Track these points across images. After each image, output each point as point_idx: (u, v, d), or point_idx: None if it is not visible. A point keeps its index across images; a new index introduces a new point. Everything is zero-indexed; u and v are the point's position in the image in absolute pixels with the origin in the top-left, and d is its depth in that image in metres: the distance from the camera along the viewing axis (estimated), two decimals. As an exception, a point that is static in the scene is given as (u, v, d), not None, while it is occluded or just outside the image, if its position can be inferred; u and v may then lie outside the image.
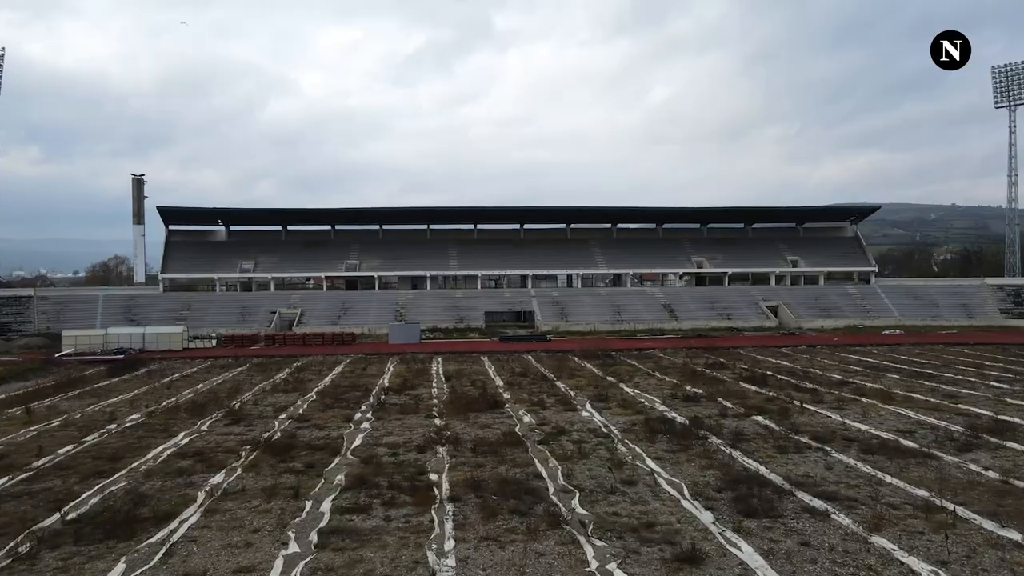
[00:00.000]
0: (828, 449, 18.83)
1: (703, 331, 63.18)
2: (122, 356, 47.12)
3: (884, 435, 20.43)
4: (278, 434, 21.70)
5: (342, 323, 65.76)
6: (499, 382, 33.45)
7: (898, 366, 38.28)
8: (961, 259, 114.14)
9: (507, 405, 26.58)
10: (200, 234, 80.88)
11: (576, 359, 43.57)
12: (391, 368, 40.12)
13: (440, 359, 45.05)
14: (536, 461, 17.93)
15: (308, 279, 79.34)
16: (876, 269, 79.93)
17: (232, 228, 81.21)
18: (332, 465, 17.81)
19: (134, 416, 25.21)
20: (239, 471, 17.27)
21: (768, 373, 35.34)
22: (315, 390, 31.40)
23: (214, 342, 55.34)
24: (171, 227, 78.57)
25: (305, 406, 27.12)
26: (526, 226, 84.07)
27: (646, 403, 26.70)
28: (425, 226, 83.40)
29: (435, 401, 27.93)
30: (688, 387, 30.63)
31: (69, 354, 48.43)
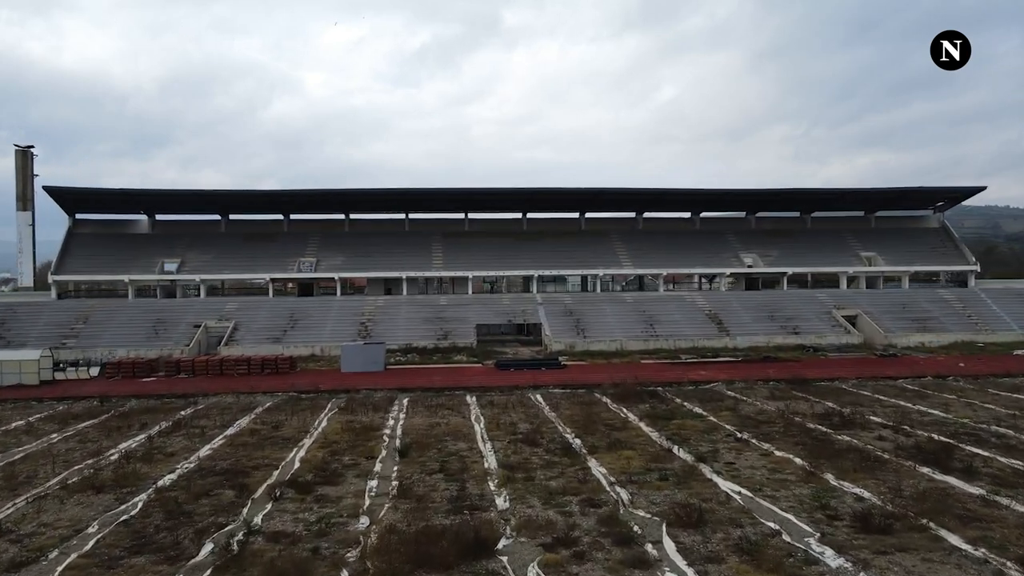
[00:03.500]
0: None
1: (768, 351, 50.26)
2: (-60, 396, 34.26)
3: None
4: None
5: (287, 340, 52.89)
6: (490, 463, 20.59)
7: None
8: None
9: (502, 543, 13.78)
10: (116, 225, 67.92)
11: (608, 402, 30.84)
12: (322, 424, 27.22)
13: (405, 402, 32.24)
14: None
15: (290, 283, 66.09)
16: (977, 268, 66.95)
17: (158, 218, 68.44)
18: None
19: None
20: None
21: (936, 437, 22.54)
22: (156, 485, 18.55)
23: (97, 371, 42.36)
24: (77, 216, 65.99)
25: (98, 538, 14.34)
26: (530, 215, 71.01)
27: (785, 536, 13.88)
28: (403, 215, 70.47)
29: (361, 525, 15.11)
30: (832, 477, 17.91)
31: None
